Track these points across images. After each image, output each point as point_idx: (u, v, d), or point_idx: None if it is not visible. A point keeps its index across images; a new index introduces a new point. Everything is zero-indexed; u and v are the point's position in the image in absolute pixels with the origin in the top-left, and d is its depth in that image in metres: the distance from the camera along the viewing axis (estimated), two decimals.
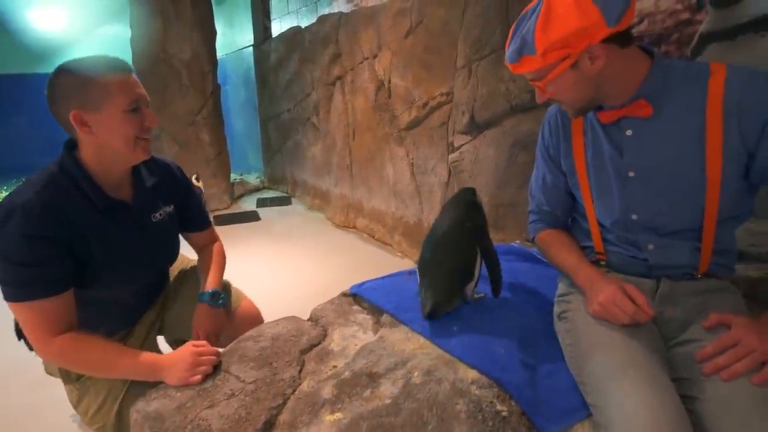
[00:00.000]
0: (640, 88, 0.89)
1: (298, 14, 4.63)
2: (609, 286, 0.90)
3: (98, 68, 0.96)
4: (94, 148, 1.00)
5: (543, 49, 0.84)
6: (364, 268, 3.14)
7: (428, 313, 1.15)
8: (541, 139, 1.13)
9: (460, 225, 1.19)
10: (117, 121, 0.97)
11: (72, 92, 0.94)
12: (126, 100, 0.98)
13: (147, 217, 1.14)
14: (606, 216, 1.01)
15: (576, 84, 0.89)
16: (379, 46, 3.24)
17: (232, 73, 6.21)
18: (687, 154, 0.87)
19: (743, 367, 0.76)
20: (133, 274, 1.14)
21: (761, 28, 1.32)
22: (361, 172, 3.76)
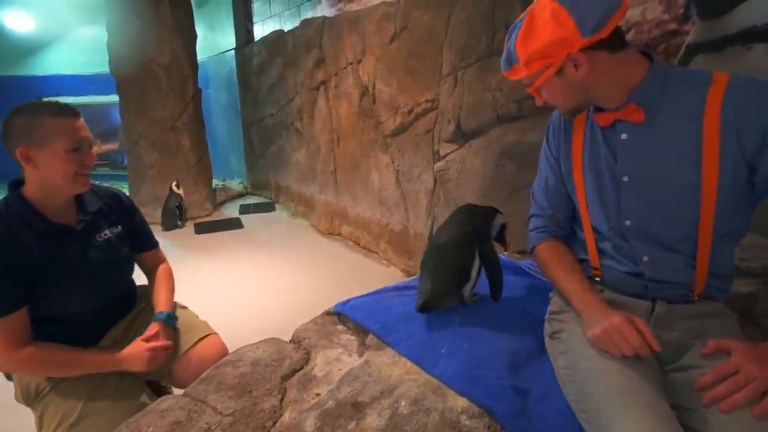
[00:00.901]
0: (632, 92, 0.88)
1: (281, 17, 4.56)
2: (616, 314, 0.86)
3: (47, 111, 1.09)
4: (38, 180, 1.12)
5: (525, 59, 0.89)
6: (350, 277, 3.09)
7: (420, 306, 1.21)
8: (546, 142, 1.12)
9: (461, 229, 1.26)
10: (59, 159, 1.10)
11: (22, 131, 1.07)
12: (68, 142, 1.10)
13: (92, 238, 1.24)
14: (601, 222, 0.99)
15: (563, 89, 0.92)
16: (363, 51, 3.20)
17: (214, 76, 6.09)
18: (682, 161, 0.86)
19: (743, 398, 0.74)
20: (85, 289, 1.21)
21: (748, 40, 1.31)
22: (346, 178, 3.71)
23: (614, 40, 0.86)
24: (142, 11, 4.01)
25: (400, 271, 3.13)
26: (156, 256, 1.48)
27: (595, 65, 0.86)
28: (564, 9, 0.83)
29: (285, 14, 4.49)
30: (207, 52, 5.74)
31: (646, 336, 0.83)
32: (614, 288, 1.01)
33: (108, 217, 1.30)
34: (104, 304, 1.28)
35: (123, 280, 1.37)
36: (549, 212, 1.12)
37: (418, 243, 2.96)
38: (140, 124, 4.25)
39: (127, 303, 1.39)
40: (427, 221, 2.86)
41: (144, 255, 1.44)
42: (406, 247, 3.11)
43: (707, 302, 0.95)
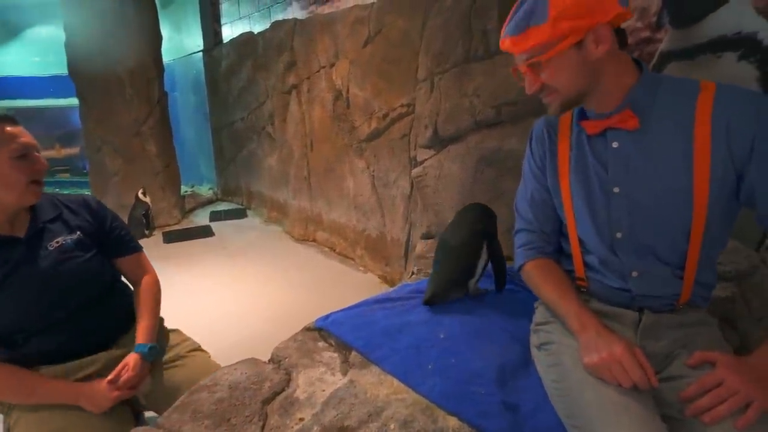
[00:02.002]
0: (627, 96, 0.87)
1: (251, 19, 4.46)
2: (618, 344, 0.83)
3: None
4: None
5: (556, 14, 0.79)
6: (327, 284, 3.03)
7: (426, 300, 1.30)
8: (529, 153, 1.09)
9: (473, 227, 1.36)
10: (5, 171, 1.05)
11: None
12: (9, 150, 1.05)
13: (40, 247, 1.17)
14: (590, 234, 0.96)
15: (575, 67, 0.84)
16: (337, 55, 3.15)
17: (181, 79, 5.90)
18: (674, 169, 0.84)
19: (726, 410, 0.74)
20: (36, 300, 1.14)
21: (719, 49, 1.34)
22: (320, 183, 3.65)
23: (624, 35, 0.86)
24: (103, 10, 3.83)
25: (377, 278, 3.10)
26: (137, 263, 1.38)
27: (611, 50, 0.83)
28: None
29: (255, 16, 4.39)
30: (173, 53, 5.55)
31: (647, 372, 0.80)
32: (600, 299, 1.00)
33: (66, 223, 1.23)
34: (73, 314, 1.18)
35: (88, 288, 1.23)
36: (535, 227, 1.07)
37: (395, 249, 2.93)
38: (103, 130, 4.06)
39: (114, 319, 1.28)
40: (405, 227, 2.83)
41: (122, 261, 1.35)
42: (383, 253, 3.07)
43: (691, 310, 0.95)
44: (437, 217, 2.13)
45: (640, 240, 0.90)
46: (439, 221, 2.12)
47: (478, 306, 1.35)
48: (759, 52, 1.28)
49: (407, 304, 1.40)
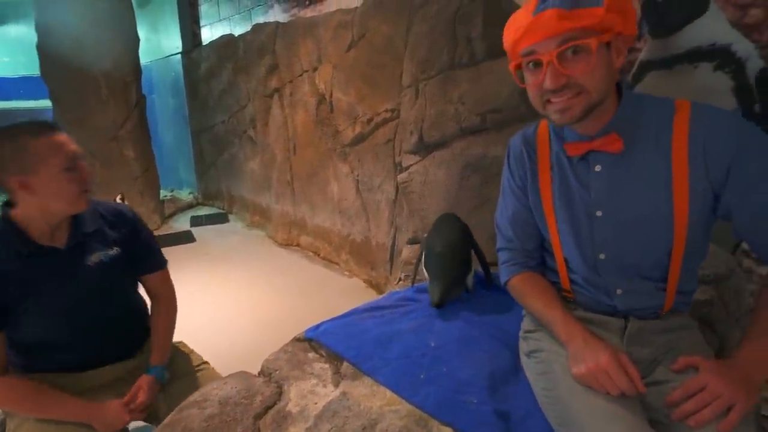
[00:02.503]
0: (612, 119, 0.86)
1: (231, 21, 4.40)
2: (604, 353, 0.84)
3: (26, 133, 1.00)
4: (35, 205, 1.04)
5: (610, 3, 0.75)
6: (312, 289, 3.01)
7: (436, 303, 1.33)
8: (507, 172, 1.07)
9: (456, 230, 1.47)
10: (57, 182, 1.02)
11: (8, 160, 0.99)
12: (60, 161, 1.02)
13: (80, 261, 1.14)
14: (574, 254, 0.97)
15: (606, 68, 0.79)
16: (320, 59, 3.13)
17: (159, 81, 5.78)
18: (654, 194, 0.85)
19: (710, 414, 0.76)
20: (65, 316, 1.12)
21: (695, 60, 1.38)
22: (304, 188, 3.62)
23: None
24: (78, 10, 3.72)
25: (362, 282, 3.09)
26: (162, 279, 1.35)
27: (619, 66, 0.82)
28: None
29: (235, 18, 4.33)
30: (151, 55, 5.43)
31: (634, 379, 0.81)
32: (586, 308, 1.01)
33: (105, 237, 1.19)
34: (96, 332, 1.18)
35: (115, 307, 1.23)
36: (517, 245, 1.07)
37: (380, 253, 2.93)
38: (78, 134, 3.92)
39: (133, 334, 1.28)
40: (390, 231, 2.83)
41: (147, 277, 1.32)
42: (368, 258, 3.07)
43: (674, 316, 0.97)
44: (423, 223, 2.14)
45: (624, 260, 0.91)
46: (425, 226, 2.13)
47: (466, 312, 1.36)
48: (733, 63, 1.32)
49: (397, 312, 1.40)
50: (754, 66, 1.29)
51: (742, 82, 1.32)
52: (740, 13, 1.30)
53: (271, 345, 1.32)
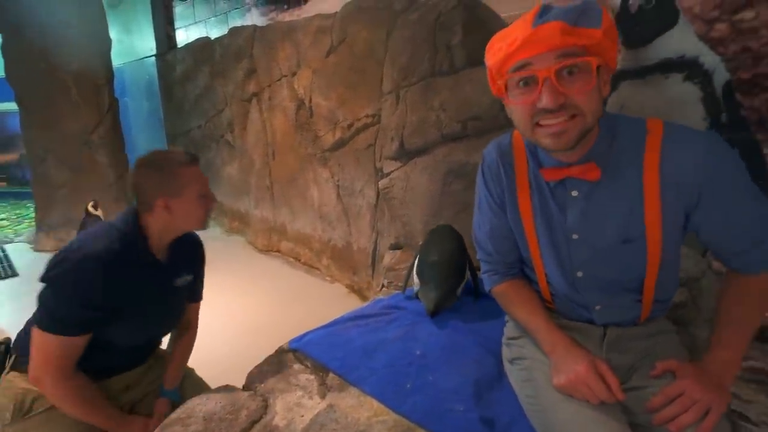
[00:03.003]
0: (592, 148, 0.85)
1: (206, 24, 4.34)
2: (581, 363, 0.86)
3: (179, 162, 1.15)
4: (165, 222, 1.16)
5: (606, 28, 0.73)
6: (294, 295, 2.98)
7: (432, 312, 1.36)
8: (484, 188, 1.04)
9: (454, 241, 1.51)
10: (194, 206, 1.17)
11: (160, 183, 1.12)
12: (199, 188, 1.17)
13: (171, 280, 1.25)
14: (553, 272, 0.98)
15: (598, 92, 0.77)
16: (299, 64, 3.12)
17: (132, 84, 5.65)
18: (628, 215, 0.86)
19: (689, 419, 0.79)
20: (146, 327, 1.23)
21: (666, 70, 1.44)
22: (284, 193, 3.59)
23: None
24: (44, 9, 3.60)
25: (344, 288, 3.08)
26: (195, 310, 1.45)
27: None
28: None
29: (211, 21, 4.27)
30: (123, 57, 5.31)
31: (612, 387, 0.83)
32: (566, 317, 1.03)
33: (188, 262, 1.31)
34: (147, 345, 1.30)
35: (172, 327, 1.39)
36: (496, 258, 1.08)
37: (362, 258, 2.93)
38: (47, 139, 3.81)
39: (154, 348, 1.37)
40: (371, 236, 2.84)
41: (189, 305, 1.42)
42: (349, 263, 3.06)
43: (652, 322, 1.00)
44: (405, 228, 2.16)
45: (600, 279, 0.93)
46: (407, 232, 2.15)
47: (450, 319, 1.38)
48: (701, 74, 1.38)
49: (381, 321, 1.40)
50: (720, 78, 1.35)
51: (709, 92, 1.38)
52: (707, 27, 1.36)
53: (254, 354, 1.32)
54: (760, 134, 1.31)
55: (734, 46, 1.32)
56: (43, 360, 1.06)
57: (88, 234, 1.13)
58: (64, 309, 1.04)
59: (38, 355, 1.06)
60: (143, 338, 1.26)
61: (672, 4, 1.40)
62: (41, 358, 1.06)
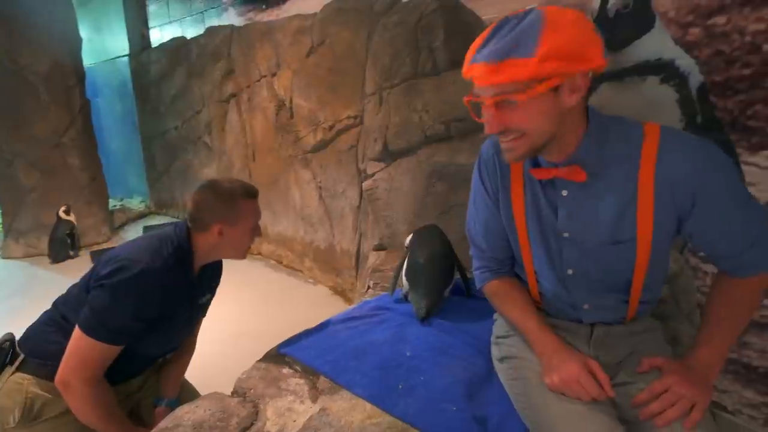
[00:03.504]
0: (577, 151, 0.85)
1: (182, 24, 4.25)
2: (572, 362, 0.87)
3: (241, 194, 1.20)
4: (213, 244, 1.20)
5: (546, 51, 0.71)
6: (277, 298, 2.96)
7: (423, 317, 1.35)
8: (479, 183, 1.05)
9: (442, 243, 1.49)
10: (245, 237, 1.23)
11: (221, 210, 1.18)
12: (253, 221, 1.24)
13: (197, 298, 1.29)
14: (544, 267, 0.99)
15: (549, 113, 0.79)
16: (278, 64, 3.09)
17: (104, 84, 5.49)
18: (619, 217, 0.87)
19: (674, 414, 0.81)
20: (169, 341, 1.28)
21: (643, 73, 1.48)
22: (264, 195, 3.53)
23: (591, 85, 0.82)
24: (9, 7, 3.46)
25: (328, 289, 3.07)
26: (198, 324, 1.47)
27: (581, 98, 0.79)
28: (588, 18, 0.76)
29: (187, 20, 4.19)
30: (94, 57, 5.15)
31: (603, 385, 0.85)
32: (554, 316, 1.04)
33: (210, 282, 1.35)
34: (159, 357, 1.33)
35: (185, 340, 1.40)
36: (488, 254, 1.09)
37: (345, 260, 2.93)
38: (14, 142, 3.67)
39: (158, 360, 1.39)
40: (355, 237, 2.83)
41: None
42: (332, 264, 3.05)
43: (638, 321, 1.02)
44: (389, 229, 2.16)
45: (589, 277, 0.95)
46: (391, 233, 2.15)
47: (440, 320, 1.38)
48: (677, 77, 1.42)
49: (370, 323, 1.40)
50: (695, 80, 1.40)
51: (685, 94, 1.42)
52: (682, 31, 1.40)
53: (239, 360, 1.30)
54: (733, 135, 1.36)
55: (708, 49, 1.37)
56: (80, 364, 1.06)
57: (145, 244, 1.15)
58: (118, 318, 1.06)
59: (75, 358, 1.06)
60: (163, 350, 1.30)
61: (649, 9, 1.45)
62: (78, 361, 1.06)
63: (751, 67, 1.31)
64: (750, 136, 1.33)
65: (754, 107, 1.32)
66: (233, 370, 1.25)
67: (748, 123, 1.34)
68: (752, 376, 1.45)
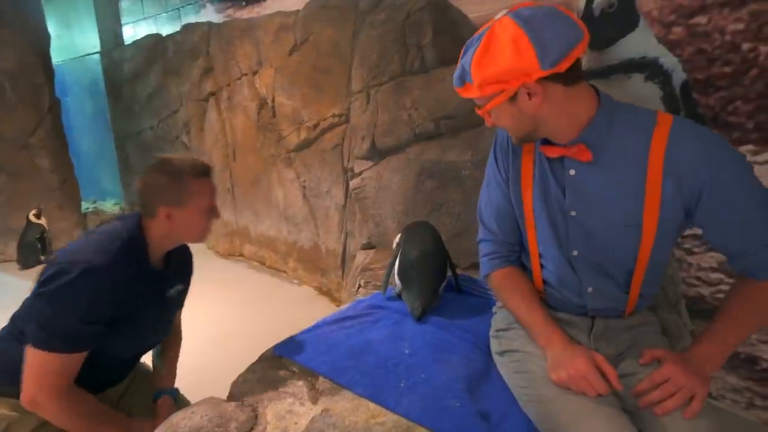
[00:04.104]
0: (582, 132, 0.88)
1: (157, 20, 4.14)
2: (580, 358, 0.88)
3: (190, 172, 1.09)
4: (166, 231, 1.11)
5: (479, 82, 0.86)
6: (262, 300, 2.91)
7: (419, 316, 1.34)
8: (494, 163, 1.08)
9: (434, 239, 1.48)
10: (197, 219, 1.13)
11: (166, 190, 1.08)
12: (207, 202, 1.13)
13: (166, 291, 1.20)
14: (550, 248, 1.00)
15: (514, 117, 0.89)
16: (260, 62, 3.04)
17: (74, 83, 5.28)
18: (626, 201, 0.89)
19: (673, 404, 0.83)
20: (140, 338, 1.19)
21: (629, 70, 1.52)
22: (246, 195, 3.49)
23: (571, 74, 0.84)
24: None
25: (313, 290, 3.04)
26: (179, 318, 1.43)
27: (548, 97, 0.84)
28: (526, 36, 0.79)
29: (162, 17, 4.08)
30: (62, 54, 4.96)
31: (610, 378, 0.86)
32: (556, 309, 1.05)
33: (179, 271, 1.27)
34: (137, 358, 1.25)
35: (163, 337, 1.33)
36: (499, 237, 1.10)
37: (330, 259, 2.90)
38: None
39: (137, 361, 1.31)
40: (340, 237, 2.81)
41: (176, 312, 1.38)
42: (318, 264, 3.02)
43: (636, 314, 1.04)
44: (378, 228, 2.15)
45: (593, 259, 0.96)
46: (380, 232, 2.14)
47: (435, 316, 1.38)
48: (661, 74, 1.46)
49: (366, 322, 1.39)
50: (678, 78, 1.44)
51: (668, 91, 1.46)
52: (665, 30, 1.44)
53: (228, 363, 1.27)
54: (715, 130, 1.40)
55: (690, 48, 1.41)
56: (42, 380, 0.98)
57: (86, 243, 1.05)
58: (66, 325, 0.97)
59: (34, 377, 0.98)
60: (137, 350, 1.21)
61: (633, 9, 1.48)
62: (39, 379, 0.98)
63: (731, 65, 1.36)
64: (731, 131, 1.38)
65: (734, 104, 1.37)
66: (222, 375, 1.23)
67: (728, 119, 1.39)
68: (735, 362, 1.50)
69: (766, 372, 1.45)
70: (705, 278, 1.52)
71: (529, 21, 0.81)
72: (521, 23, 0.81)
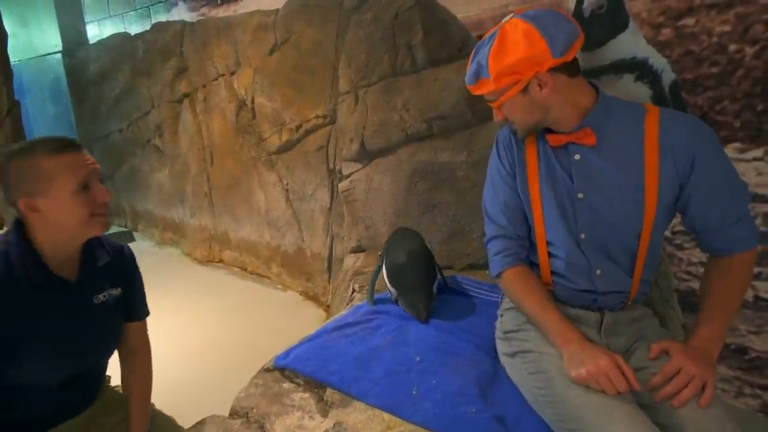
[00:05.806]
0: (586, 118, 0.97)
1: (124, 19, 3.96)
2: (602, 357, 0.89)
3: (41, 150, 0.90)
4: (47, 228, 0.93)
5: (495, 74, 0.94)
6: (246, 307, 2.82)
7: (425, 318, 1.35)
8: (497, 159, 1.14)
9: (418, 241, 1.49)
10: (67, 204, 0.91)
11: (18, 178, 0.90)
12: (72, 182, 0.90)
13: (88, 298, 1.02)
14: (559, 234, 1.04)
15: (526, 107, 0.98)
16: (238, 63, 2.95)
17: (33, 84, 5.00)
18: (628, 181, 0.96)
19: (688, 394, 0.86)
20: (61, 358, 0.98)
21: (619, 71, 1.54)
22: (224, 199, 3.38)
23: (574, 66, 0.96)
24: None
25: (299, 295, 2.97)
26: (140, 330, 1.17)
27: (556, 87, 0.94)
28: (536, 30, 0.90)
29: (130, 15, 3.91)
30: (20, 53, 4.69)
31: (630, 378, 0.87)
32: (565, 302, 1.08)
33: (110, 275, 1.07)
34: (82, 379, 1.04)
35: (105, 354, 1.11)
36: (510, 231, 1.11)
37: (316, 263, 2.85)
38: None
39: (95, 386, 1.12)
40: (326, 240, 2.76)
41: (129, 326, 1.14)
42: (302, 269, 2.96)
43: (636, 307, 1.09)
44: (368, 231, 2.12)
45: (600, 241, 1.01)
46: (370, 234, 2.11)
47: (434, 319, 1.37)
48: (651, 75, 1.50)
49: (367, 328, 1.36)
50: (667, 78, 1.48)
51: (658, 91, 1.50)
52: (654, 31, 1.48)
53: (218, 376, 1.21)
54: None
55: (679, 49, 1.44)
56: None
57: None
58: None
59: None
60: (65, 373, 1.01)
61: (622, 10, 1.51)
62: None
63: (718, 65, 1.40)
64: (719, 130, 1.42)
65: (722, 103, 1.41)
66: (214, 388, 1.16)
67: (716, 118, 1.43)
68: (724, 353, 1.55)
69: (755, 361, 1.50)
70: (695, 272, 1.57)
71: (535, 18, 0.92)
72: (529, 20, 0.91)
